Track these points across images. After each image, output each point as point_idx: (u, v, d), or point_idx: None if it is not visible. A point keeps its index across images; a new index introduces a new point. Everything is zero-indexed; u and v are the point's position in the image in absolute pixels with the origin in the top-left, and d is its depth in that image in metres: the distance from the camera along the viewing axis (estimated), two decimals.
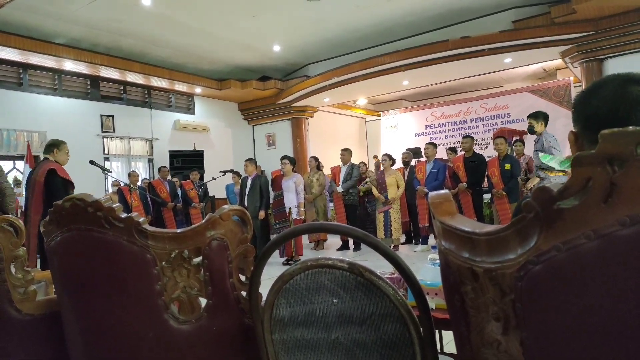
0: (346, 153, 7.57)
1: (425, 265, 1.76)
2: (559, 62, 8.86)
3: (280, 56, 9.65)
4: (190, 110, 10.51)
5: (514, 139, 7.91)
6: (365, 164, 8.68)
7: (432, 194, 0.85)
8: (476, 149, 7.58)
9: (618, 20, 6.87)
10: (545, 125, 4.99)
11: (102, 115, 8.68)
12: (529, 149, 6.63)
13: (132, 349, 1.15)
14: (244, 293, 1.16)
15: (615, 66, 7.20)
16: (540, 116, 4.95)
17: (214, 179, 7.72)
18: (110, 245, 1.13)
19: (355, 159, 8.09)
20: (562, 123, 9.27)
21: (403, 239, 7.61)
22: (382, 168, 7.45)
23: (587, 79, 7.38)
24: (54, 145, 4.53)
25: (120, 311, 1.15)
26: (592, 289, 0.54)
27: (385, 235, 6.98)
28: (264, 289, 1.04)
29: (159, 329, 1.13)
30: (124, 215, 1.13)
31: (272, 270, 1.31)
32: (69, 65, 7.80)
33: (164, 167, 8.24)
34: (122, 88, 9.08)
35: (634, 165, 0.50)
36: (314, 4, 7.10)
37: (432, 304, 1.54)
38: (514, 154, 6.69)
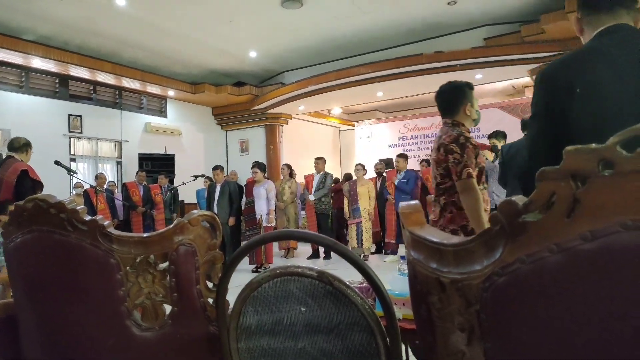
0: (320, 162, 7.59)
1: (395, 276, 1.77)
2: (527, 79, 9.14)
3: (256, 62, 9.62)
4: (162, 113, 10.32)
5: None
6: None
7: (402, 204, 0.85)
8: None
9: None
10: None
11: (69, 115, 8.42)
12: None
13: (92, 355, 1.11)
14: (210, 300, 1.14)
15: None
16: (500, 135, 5.34)
17: (184, 183, 7.61)
18: (73, 248, 1.09)
19: (328, 168, 8.11)
20: None
21: (373, 248, 7.65)
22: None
23: None
24: (27, 145, 4.38)
25: (81, 317, 1.11)
26: (554, 301, 0.55)
27: (357, 245, 7.01)
28: (232, 297, 1.02)
29: (121, 335, 1.10)
30: (87, 217, 1.10)
31: (241, 277, 1.29)
32: (37, 62, 7.56)
33: (142, 171, 8.08)
34: (92, 88, 8.84)
35: (596, 182, 0.51)
36: (291, 12, 7.13)
37: (399, 314, 1.55)
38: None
